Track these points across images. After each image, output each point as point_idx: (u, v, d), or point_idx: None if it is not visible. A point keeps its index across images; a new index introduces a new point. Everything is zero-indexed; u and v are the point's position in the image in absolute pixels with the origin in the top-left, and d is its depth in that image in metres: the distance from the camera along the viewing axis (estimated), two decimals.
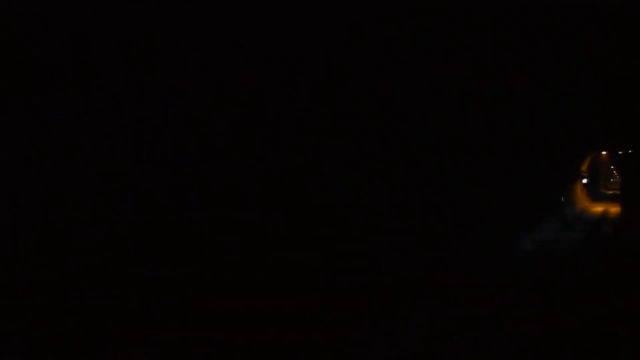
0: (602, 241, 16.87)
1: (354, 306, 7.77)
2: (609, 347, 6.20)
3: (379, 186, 8.77)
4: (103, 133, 4.25)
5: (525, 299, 8.12)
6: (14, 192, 3.70)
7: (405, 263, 8.82)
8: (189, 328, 5.07)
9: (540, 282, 9.72)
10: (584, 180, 38.30)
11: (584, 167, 37.88)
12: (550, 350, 6.12)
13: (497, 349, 6.18)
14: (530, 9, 7.33)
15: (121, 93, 4.31)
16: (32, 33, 3.62)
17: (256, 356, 5.85)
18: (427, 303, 7.74)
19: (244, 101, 5.63)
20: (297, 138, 6.61)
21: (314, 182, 7.13)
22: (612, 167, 54.03)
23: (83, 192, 4.16)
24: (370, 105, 7.89)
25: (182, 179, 5.08)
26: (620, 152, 32.94)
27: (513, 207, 14.36)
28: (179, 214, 5.10)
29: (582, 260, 12.97)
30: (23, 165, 3.75)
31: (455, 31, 7.41)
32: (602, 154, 43.05)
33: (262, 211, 6.22)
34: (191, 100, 5.02)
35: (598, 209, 33.63)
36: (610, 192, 57.54)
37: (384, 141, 8.54)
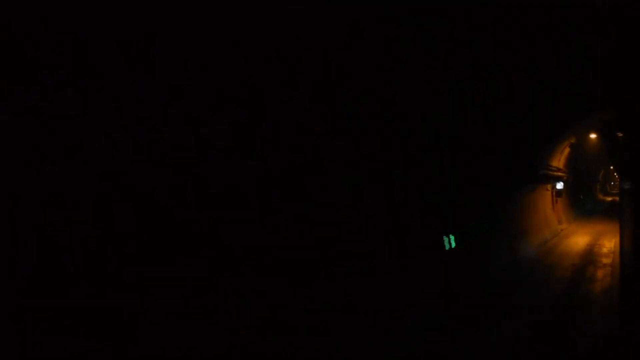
0: None
1: (353, 304, 7.76)
2: None
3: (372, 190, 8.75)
4: (103, 133, 4.24)
5: None
6: (14, 192, 3.70)
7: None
8: (188, 327, 5.06)
9: None
10: (559, 185, 22.80)
11: (558, 162, 22.21)
12: None
13: None
14: None
15: (121, 93, 4.30)
16: (32, 33, 3.62)
17: (256, 356, 5.85)
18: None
19: (244, 101, 5.63)
20: (298, 138, 6.61)
21: (314, 182, 7.12)
22: (610, 164, 32.68)
23: (83, 192, 4.15)
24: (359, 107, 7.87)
25: (182, 179, 5.08)
26: (617, 135, 13.26)
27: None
28: (179, 214, 5.09)
29: None
30: (23, 165, 3.74)
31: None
32: (591, 138, 24.55)
33: (262, 211, 6.22)
34: (191, 100, 5.01)
35: (579, 241, 18.41)
36: (610, 198, 40.38)
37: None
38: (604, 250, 17.04)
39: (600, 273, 13.00)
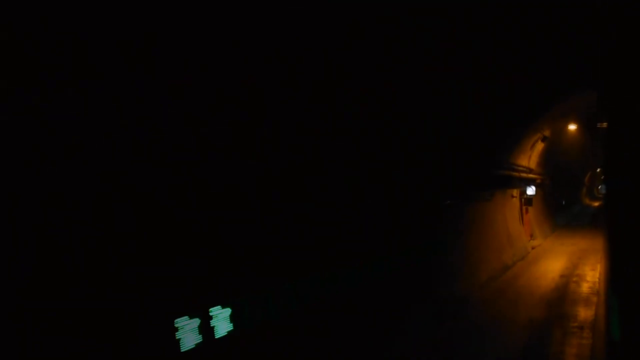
0: None
1: (355, 303, 7.76)
2: None
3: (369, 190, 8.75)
4: (103, 133, 4.24)
5: None
6: (14, 192, 3.70)
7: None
8: (188, 327, 5.05)
9: None
10: (530, 190, 18.42)
11: (528, 161, 18.32)
12: None
13: None
14: None
15: (121, 93, 4.30)
16: (32, 33, 3.62)
17: (256, 356, 5.84)
18: None
19: (244, 101, 5.63)
20: (297, 138, 6.60)
21: (314, 182, 7.12)
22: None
23: (83, 192, 4.15)
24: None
25: (182, 178, 5.07)
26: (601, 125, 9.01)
27: None
28: (179, 213, 5.09)
29: None
30: (23, 165, 3.74)
31: None
32: (570, 130, 20.08)
33: (262, 211, 6.21)
34: (191, 100, 5.01)
35: (549, 269, 13.91)
36: (597, 203, 35.43)
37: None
38: (584, 287, 11.62)
39: (572, 353, 7.59)
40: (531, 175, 18.84)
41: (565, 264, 14.92)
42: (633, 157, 3.77)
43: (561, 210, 27.36)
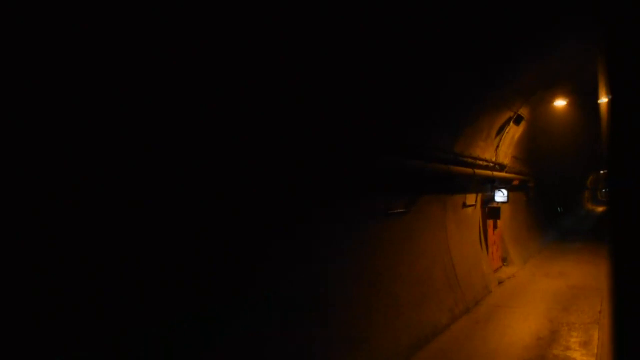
0: None
1: (356, 308, 7.77)
2: None
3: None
4: (103, 133, 4.24)
5: None
6: (14, 192, 3.70)
7: None
8: (189, 328, 5.07)
9: None
10: (499, 197, 13.38)
11: (494, 152, 12.69)
12: None
13: None
14: None
15: (121, 93, 4.30)
16: (32, 33, 3.62)
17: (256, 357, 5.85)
18: None
19: (244, 101, 5.63)
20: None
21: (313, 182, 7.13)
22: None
23: (83, 192, 4.15)
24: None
25: (182, 179, 5.08)
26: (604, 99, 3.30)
27: None
28: (179, 214, 5.10)
29: None
30: (23, 165, 3.74)
31: None
32: (559, 108, 13.77)
33: (262, 211, 6.22)
34: (191, 100, 5.01)
35: (512, 340, 7.72)
36: (602, 209, 28.00)
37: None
38: None
39: None
40: (501, 174, 12.99)
41: (538, 327, 8.62)
42: None
43: (555, 220, 21.58)
